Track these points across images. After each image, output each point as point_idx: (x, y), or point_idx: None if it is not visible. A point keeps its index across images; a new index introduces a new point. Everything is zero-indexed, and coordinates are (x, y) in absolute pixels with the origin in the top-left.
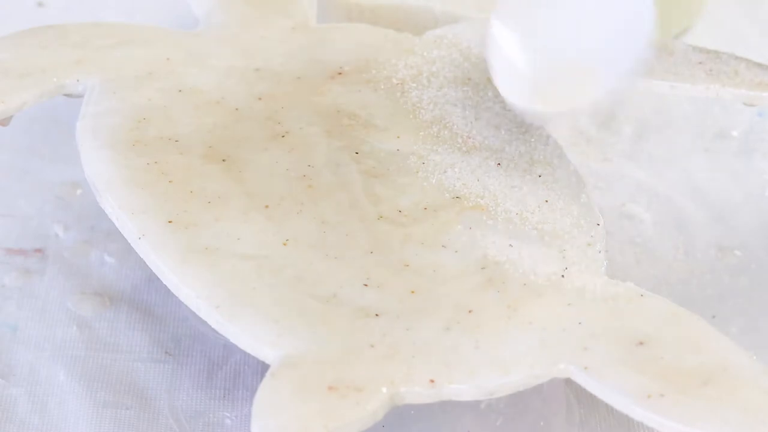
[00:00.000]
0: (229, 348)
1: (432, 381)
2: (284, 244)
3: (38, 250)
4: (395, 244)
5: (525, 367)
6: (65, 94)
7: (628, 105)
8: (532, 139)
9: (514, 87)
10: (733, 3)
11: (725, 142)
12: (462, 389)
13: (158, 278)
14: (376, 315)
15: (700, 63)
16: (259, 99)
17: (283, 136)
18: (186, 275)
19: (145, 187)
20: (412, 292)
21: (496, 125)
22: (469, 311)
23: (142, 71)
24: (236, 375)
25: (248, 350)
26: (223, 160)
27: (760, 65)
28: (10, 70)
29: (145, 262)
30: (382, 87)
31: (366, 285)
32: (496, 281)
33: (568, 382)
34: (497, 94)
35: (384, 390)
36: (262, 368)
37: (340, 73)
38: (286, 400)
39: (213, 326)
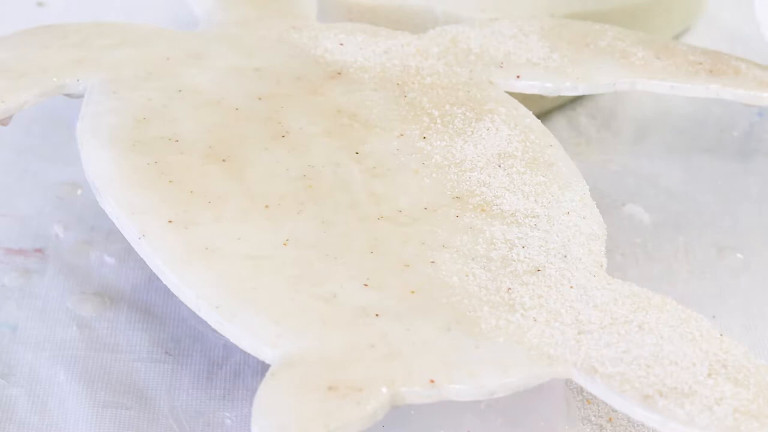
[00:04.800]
0: (229, 348)
1: (432, 381)
2: (284, 244)
3: (38, 250)
4: (395, 244)
5: (525, 367)
6: (65, 94)
7: (628, 105)
8: (533, 139)
9: None
10: (733, 3)
11: (725, 142)
12: (462, 389)
13: (158, 278)
14: (376, 315)
15: (700, 63)
16: (259, 99)
17: (283, 136)
18: (186, 275)
19: (145, 187)
20: (412, 292)
21: (497, 126)
22: (470, 311)
23: (142, 71)
24: (236, 375)
25: (248, 350)
26: (224, 160)
27: (760, 65)
28: (10, 70)
29: (145, 262)
30: (382, 87)
31: (366, 285)
32: (497, 282)
33: (568, 382)
34: (498, 94)
35: (384, 390)
36: (262, 368)
37: (340, 73)
38: (286, 400)
39: (213, 326)
